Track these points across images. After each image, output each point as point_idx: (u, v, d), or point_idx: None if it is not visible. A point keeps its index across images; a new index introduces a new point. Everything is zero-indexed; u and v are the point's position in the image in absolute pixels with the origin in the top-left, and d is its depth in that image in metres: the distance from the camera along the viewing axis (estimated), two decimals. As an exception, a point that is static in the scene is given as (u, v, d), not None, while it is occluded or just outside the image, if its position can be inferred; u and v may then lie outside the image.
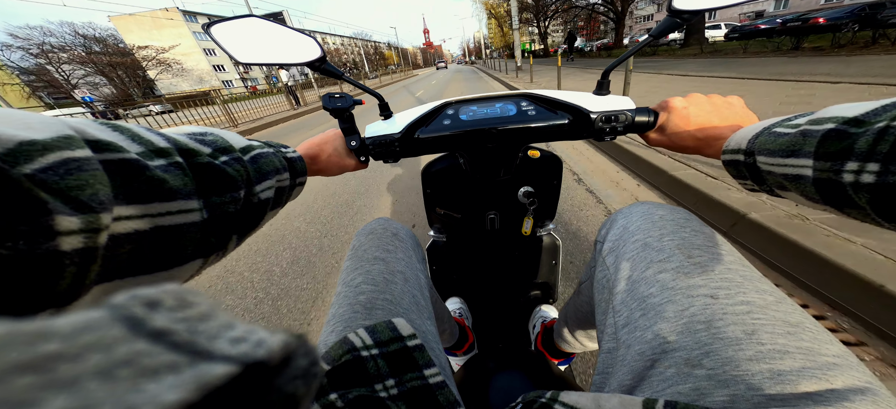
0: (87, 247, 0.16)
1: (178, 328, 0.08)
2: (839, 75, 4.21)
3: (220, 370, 0.07)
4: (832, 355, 0.26)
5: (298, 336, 0.09)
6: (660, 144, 0.48)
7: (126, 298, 0.08)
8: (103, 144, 0.19)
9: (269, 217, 0.36)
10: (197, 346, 0.08)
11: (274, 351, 0.08)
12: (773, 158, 0.29)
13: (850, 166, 0.22)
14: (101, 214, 0.17)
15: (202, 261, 0.25)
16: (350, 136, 0.54)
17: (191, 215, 0.23)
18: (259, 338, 0.08)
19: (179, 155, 0.24)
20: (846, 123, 0.23)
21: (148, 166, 0.20)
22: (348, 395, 0.30)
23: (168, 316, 0.08)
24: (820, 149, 0.24)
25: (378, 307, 0.40)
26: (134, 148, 0.21)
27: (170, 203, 0.21)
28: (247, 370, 0.07)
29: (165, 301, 0.08)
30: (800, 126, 0.27)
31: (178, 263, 0.23)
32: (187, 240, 0.23)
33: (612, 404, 0.27)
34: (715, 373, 0.27)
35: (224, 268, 1.75)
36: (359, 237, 0.52)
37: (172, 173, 0.22)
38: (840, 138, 0.23)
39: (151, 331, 0.07)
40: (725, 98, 0.43)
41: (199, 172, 0.25)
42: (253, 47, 0.47)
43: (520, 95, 0.57)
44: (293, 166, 0.40)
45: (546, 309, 0.92)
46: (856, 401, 0.23)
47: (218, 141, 0.29)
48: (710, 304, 0.31)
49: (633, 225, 0.44)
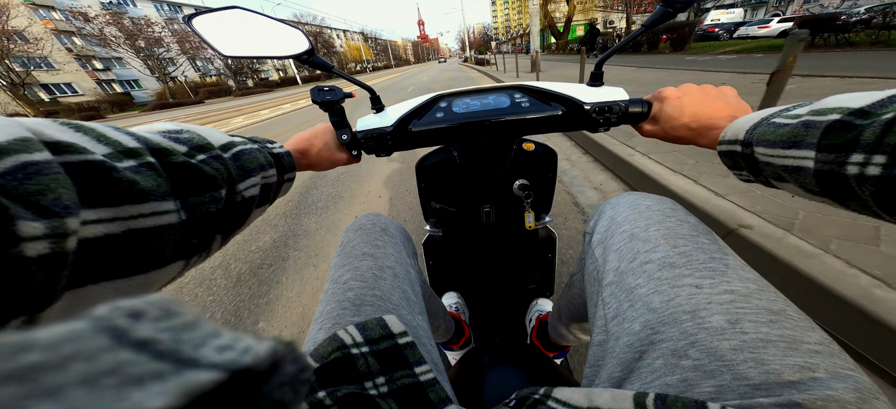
0: (55, 252, 0.16)
1: (162, 338, 0.08)
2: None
3: (206, 377, 0.07)
4: (814, 342, 0.26)
5: (287, 343, 0.09)
6: (653, 135, 0.48)
7: (108, 309, 0.08)
8: (63, 145, 0.18)
9: (256, 215, 0.35)
10: (182, 354, 0.08)
11: (261, 358, 0.08)
12: (773, 150, 0.28)
13: (854, 158, 0.22)
14: (67, 219, 0.16)
15: (184, 263, 0.25)
16: (341, 129, 0.53)
17: (166, 217, 0.22)
18: (246, 345, 0.08)
19: (151, 155, 0.23)
20: (852, 114, 0.23)
21: (115, 168, 0.20)
22: (337, 393, 0.30)
23: (152, 326, 0.08)
24: (823, 140, 0.24)
25: (367, 304, 0.39)
26: (100, 149, 0.20)
27: (142, 205, 0.21)
28: (234, 376, 0.08)
29: (149, 312, 0.08)
30: (801, 117, 0.26)
31: (155, 266, 0.22)
32: (165, 242, 0.22)
33: (604, 398, 0.27)
34: (701, 364, 0.27)
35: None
36: (347, 233, 0.52)
37: (144, 174, 0.21)
38: (845, 129, 0.23)
39: (135, 341, 0.07)
40: (719, 88, 0.43)
41: (175, 172, 0.24)
42: (237, 40, 0.46)
43: (513, 87, 0.56)
44: (280, 162, 0.39)
45: (542, 302, 0.92)
46: (838, 388, 0.23)
47: (194, 139, 0.28)
48: (694, 293, 0.31)
49: (620, 216, 0.44)
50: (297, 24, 0.47)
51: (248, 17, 0.45)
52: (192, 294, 1.54)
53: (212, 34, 0.44)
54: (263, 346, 0.09)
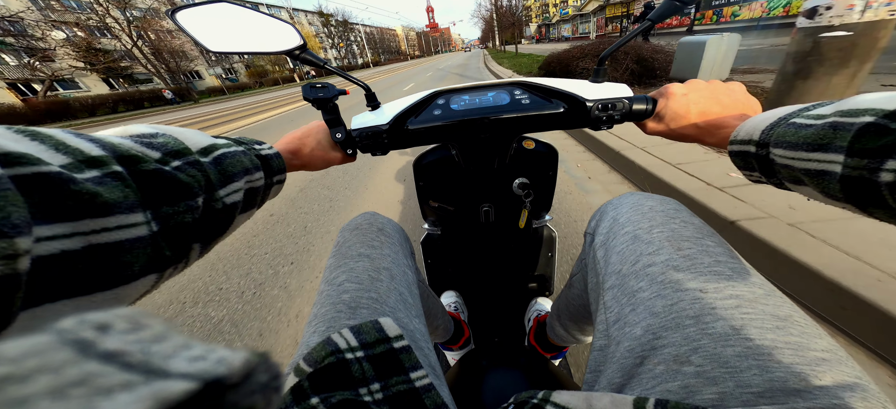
0: (5, 275, 0.15)
1: (130, 349, 0.08)
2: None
3: (177, 387, 0.07)
4: (821, 349, 0.25)
5: (261, 354, 0.09)
6: (658, 133, 0.47)
7: (74, 322, 0.08)
8: (14, 157, 0.17)
9: (240, 220, 0.34)
10: (151, 365, 0.08)
11: (235, 368, 0.08)
12: (794, 152, 0.27)
13: (890, 165, 0.20)
14: (17, 238, 0.15)
15: (157, 276, 0.23)
16: (335, 128, 0.51)
17: (134, 230, 0.21)
18: (220, 356, 0.08)
19: (119, 163, 0.22)
20: (887, 116, 0.21)
21: (74, 179, 0.18)
22: (331, 399, 0.29)
23: (120, 338, 0.08)
24: (855, 144, 0.22)
25: (363, 306, 0.38)
26: (57, 159, 0.19)
27: (105, 219, 0.19)
28: (207, 387, 0.07)
29: (116, 324, 0.08)
30: (826, 117, 0.25)
31: (123, 281, 0.21)
32: (133, 256, 0.21)
33: (603, 403, 0.27)
34: (704, 370, 0.27)
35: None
36: (343, 233, 0.51)
37: (108, 185, 0.20)
38: (879, 133, 0.21)
39: (102, 353, 0.07)
40: (726, 84, 0.42)
41: (145, 181, 0.22)
42: (225, 35, 0.44)
43: (514, 84, 0.54)
44: (268, 164, 0.38)
45: (542, 302, 0.91)
46: (845, 397, 0.22)
47: (169, 143, 0.26)
48: (698, 298, 0.31)
49: (622, 217, 0.43)
50: (288, 20, 0.45)
51: (237, 12, 0.44)
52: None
53: (198, 29, 0.42)
54: (237, 357, 0.09)
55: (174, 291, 1.54)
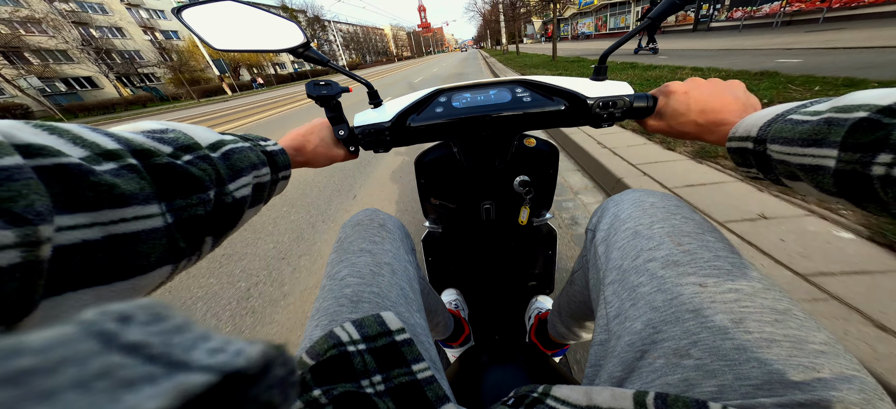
0: (28, 261, 0.15)
1: (152, 341, 0.08)
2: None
3: (198, 380, 0.07)
4: (819, 342, 0.26)
5: (278, 346, 0.09)
6: (659, 131, 0.47)
7: (96, 313, 0.08)
8: (35, 148, 0.17)
9: (249, 215, 0.34)
10: (173, 357, 0.08)
11: (253, 360, 0.08)
12: (790, 148, 0.27)
13: (882, 159, 0.21)
14: (39, 226, 0.15)
15: (172, 267, 0.24)
16: (338, 125, 0.52)
17: (150, 221, 0.21)
18: (238, 348, 0.08)
19: (133, 156, 0.22)
20: (880, 111, 0.22)
21: (93, 171, 0.19)
22: (333, 391, 0.29)
23: (141, 330, 0.08)
24: (848, 139, 0.23)
25: (364, 301, 0.39)
26: (76, 152, 0.19)
27: (123, 210, 0.20)
28: (226, 379, 0.08)
29: (138, 315, 0.08)
30: (822, 114, 0.25)
31: (140, 271, 0.21)
32: (149, 247, 0.21)
33: (603, 396, 0.27)
34: (703, 363, 0.27)
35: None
36: (345, 229, 0.51)
37: (124, 177, 0.21)
38: (872, 129, 0.22)
39: (125, 344, 0.08)
40: (727, 82, 0.42)
41: (159, 174, 0.23)
42: (230, 33, 0.45)
43: (515, 82, 0.55)
44: (274, 161, 0.38)
45: (542, 300, 0.91)
46: (843, 389, 0.23)
47: (180, 138, 0.27)
48: (698, 292, 0.31)
49: (624, 213, 0.43)
50: (292, 18, 0.45)
51: (241, 9, 0.44)
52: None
53: (203, 27, 0.42)
54: (255, 349, 0.09)
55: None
